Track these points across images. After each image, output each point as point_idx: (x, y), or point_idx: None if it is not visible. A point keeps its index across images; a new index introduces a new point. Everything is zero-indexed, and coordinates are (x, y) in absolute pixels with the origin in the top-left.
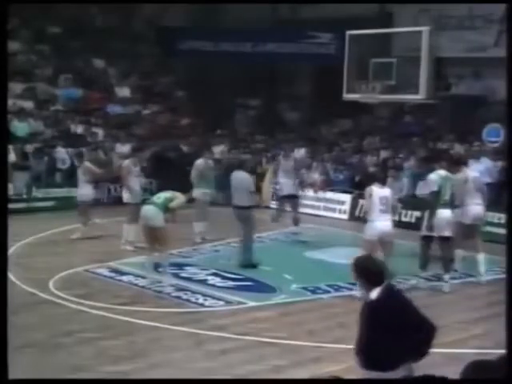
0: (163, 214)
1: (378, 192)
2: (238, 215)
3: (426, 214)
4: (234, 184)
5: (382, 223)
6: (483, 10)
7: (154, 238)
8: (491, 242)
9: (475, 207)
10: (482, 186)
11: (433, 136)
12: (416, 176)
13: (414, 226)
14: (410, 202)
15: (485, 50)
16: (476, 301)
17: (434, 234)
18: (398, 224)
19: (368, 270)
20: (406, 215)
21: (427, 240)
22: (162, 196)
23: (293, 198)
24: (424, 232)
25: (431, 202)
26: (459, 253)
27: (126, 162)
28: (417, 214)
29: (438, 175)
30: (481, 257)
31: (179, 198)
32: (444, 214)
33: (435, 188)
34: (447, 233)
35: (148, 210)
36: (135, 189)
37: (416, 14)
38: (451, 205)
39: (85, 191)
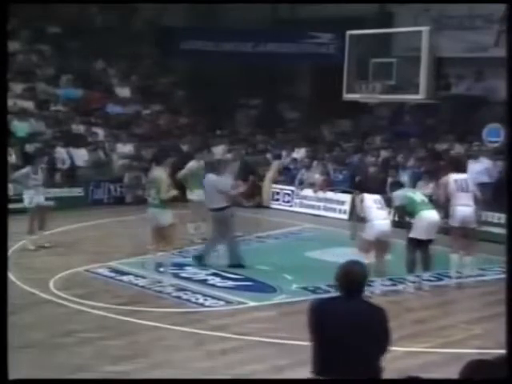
0: (167, 210)
1: (369, 196)
2: (213, 217)
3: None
4: (206, 187)
5: (381, 222)
6: (483, 9)
7: (162, 237)
8: (491, 242)
9: (461, 208)
10: (470, 186)
11: (433, 136)
12: (416, 176)
13: None
14: None
15: (485, 49)
16: (476, 301)
17: (417, 236)
18: (399, 224)
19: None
20: None
21: (412, 242)
22: (155, 195)
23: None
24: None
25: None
26: (454, 257)
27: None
28: None
29: (402, 191)
30: (467, 259)
31: (161, 179)
32: (427, 215)
33: (397, 203)
34: (426, 235)
35: (152, 212)
36: None
37: (416, 14)
38: (436, 206)
39: (44, 195)
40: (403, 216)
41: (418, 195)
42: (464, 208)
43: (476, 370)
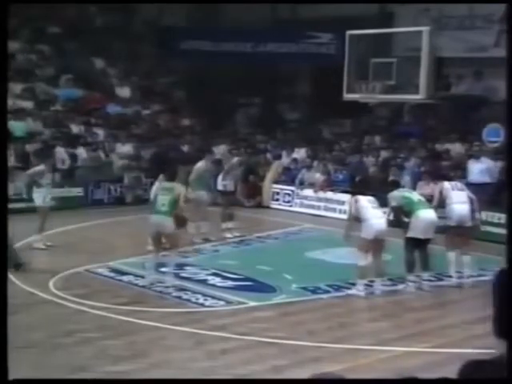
0: (171, 218)
1: (363, 197)
2: None
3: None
4: None
5: (377, 221)
6: (483, 9)
7: (165, 242)
8: (491, 242)
9: (457, 206)
10: (464, 186)
11: (433, 136)
12: (416, 176)
13: None
14: None
15: (485, 50)
16: (476, 301)
17: (415, 235)
18: (396, 223)
19: None
20: None
21: (410, 242)
22: (166, 203)
23: (233, 195)
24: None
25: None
26: (451, 255)
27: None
28: None
29: (398, 191)
30: (466, 258)
31: (180, 191)
32: (425, 215)
33: (394, 204)
34: (424, 235)
35: (156, 219)
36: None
37: (416, 14)
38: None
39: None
40: (400, 216)
41: (414, 195)
42: (460, 206)
43: (476, 370)
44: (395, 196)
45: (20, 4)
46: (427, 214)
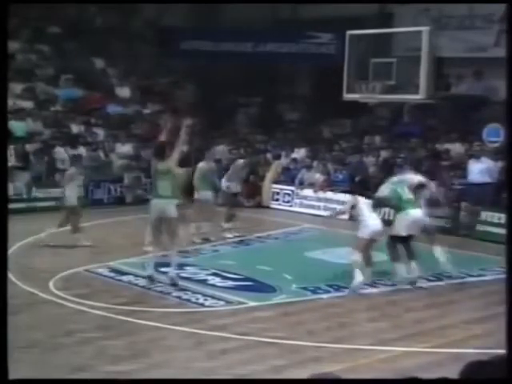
0: (174, 202)
1: (361, 199)
2: None
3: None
4: None
5: (374, 221)
6: (483, 9)
7: (166, 230)
8: (491, 242)
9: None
10: (428, 192)
11: (433, 136)
12: None
13: None
14: None
15: (485, 49)
16: (476, 301)
17: (397, 233)
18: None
19: None
20: None
21: (393, 239)
22: (168, 187)
23: (235, 196)
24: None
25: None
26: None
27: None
28: None
29: (389, 181)
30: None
31: (177, 171)
32: (411, 213)
33: (385, 193)
34: (406, 231)
35: (159, 204)
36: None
37: (416, 14)
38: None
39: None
40: (381, 205)
41: (405, 193)
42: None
43: (477, 370)
44: (388, 186)
45: (20, 4)
46: (413, 213)
